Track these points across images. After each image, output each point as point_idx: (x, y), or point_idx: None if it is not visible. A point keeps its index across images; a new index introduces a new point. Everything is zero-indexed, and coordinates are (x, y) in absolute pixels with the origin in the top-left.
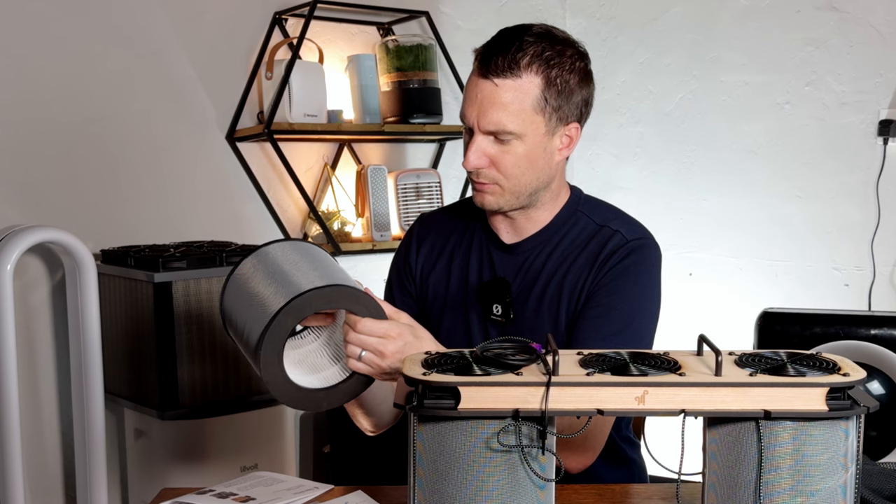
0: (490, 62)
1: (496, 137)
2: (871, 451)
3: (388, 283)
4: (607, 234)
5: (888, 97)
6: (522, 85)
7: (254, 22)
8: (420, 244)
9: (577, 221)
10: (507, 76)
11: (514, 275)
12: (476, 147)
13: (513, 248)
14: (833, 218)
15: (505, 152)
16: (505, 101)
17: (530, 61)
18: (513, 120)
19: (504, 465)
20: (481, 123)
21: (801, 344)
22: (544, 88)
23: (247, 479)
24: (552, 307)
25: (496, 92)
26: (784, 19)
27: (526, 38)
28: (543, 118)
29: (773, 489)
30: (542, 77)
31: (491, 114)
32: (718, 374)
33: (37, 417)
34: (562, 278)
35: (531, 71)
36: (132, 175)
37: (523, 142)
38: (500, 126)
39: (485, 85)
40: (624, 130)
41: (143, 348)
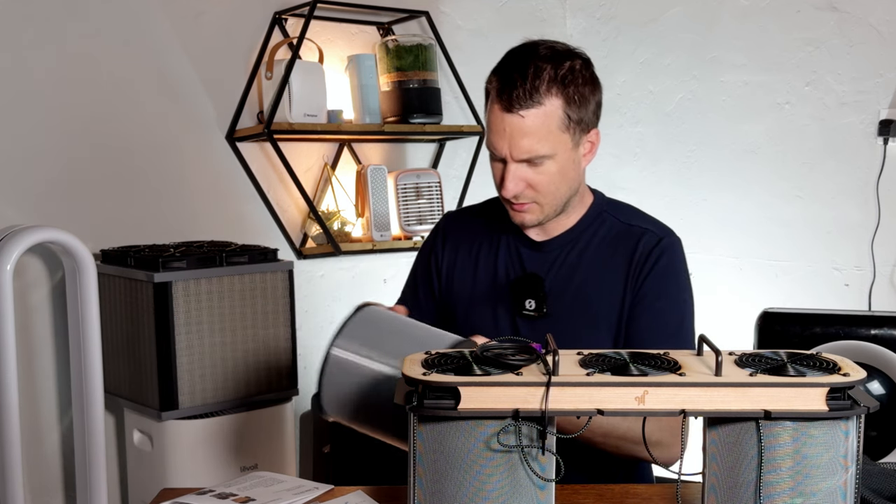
0: (511, 96)
1: (529, 163)
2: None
3: (413, 276)
4: (637, 233)
5: (888, 97)
6: (546, 111)
7: (254, 22)
8: (446, 239)
9: (604, 221)
10: (530, 106)
11: (546, 271)
12: (512, 175)
13: (542, 246)
14: (833, 218)
15: (539, 174)
16: (533, 130)
17: (548, 86)
18: (543, 145)
19: (504, 465)
20: (514, 154)
21: (801, 344)
22: (565, 107)
23: (247, 479)
24: (588, 302)
25: (523, 123)
26: (784, 19)
27: (537, 63)
28: (569, 134)
29: (773, 489)
30: (562, 97)
31: (522, 144)
32: (718, 374)
33: (37, 417)
34: (599, 277)
35: (551, 94)
36: (132, 175)
37: (555, 160)
38: (532, 153)
39: (511, 119)
40: (624, 130)
41: (143, 348)
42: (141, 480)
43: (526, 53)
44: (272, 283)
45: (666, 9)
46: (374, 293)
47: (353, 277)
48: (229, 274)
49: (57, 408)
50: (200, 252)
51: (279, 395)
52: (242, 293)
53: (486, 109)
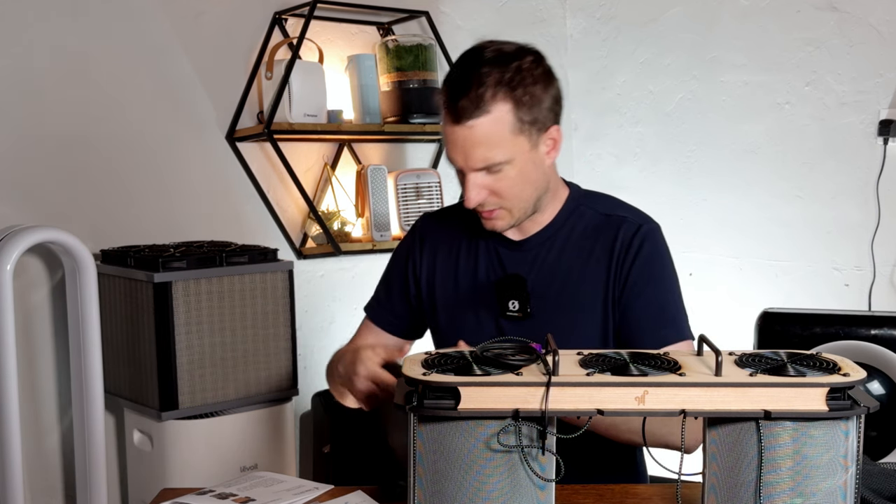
0: (458, 107)
1: (488, 170)
2: (871, 451)
3: (386, 278)
4: (616, 222)
5: (888, 97)
6: (495, 117)
7: (254, 22)
8: (424, 242)
9: (581, 214)
10: (478, 116)
11: (528, 270)
12: (472, 185)
13: (521, 245)
14: (833, 218)
15: (500, 180)
16: (484, 138)
17: (494, 92)
18: (498, 152)
19: (504, 465)
20: (470, 164)
21: (801, 344)
22: (515, 111)
23: (247, 479)
24: (572, 300)
25: (473, 133)
26: (784, 19)
27: (481, 69)
28: (524, 137)
29: (773, 490)
30: (510, 101)
31: (476, 153)
32: (718, 374)
33: (37, 417)
34: (581, 271)
35: (498, 100)
36: (132, 175)
37: (513, 165)
38: (488, 161)
39: (461, 130)
40: (624, 130)
41: (142, 348)
42: (141, 480)
43: (471, 60)
44: (272, 283)
45: (666, 9)
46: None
47: (353, 277)
48: (229, 274)
49: (57, 408)
50: (200, 252)
51: (279, 395)
52: (242, 293)
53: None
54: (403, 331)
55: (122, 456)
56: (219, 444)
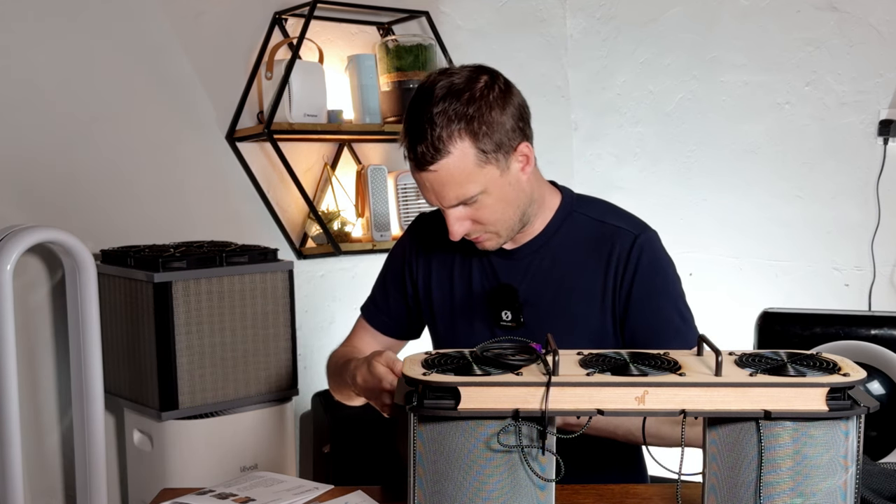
0: (418, 154)
1: (464, 204)
2: (871, 451)
3: (382, 278)
4: (610, 232)
5: (888, 97)
6: (456, 156)
7: (254, 22)
8: (419, 248)
9: (574, 221)
10: (439, 159)
11: (520, 279)
12: (453, 220)
13: (514, 254)
14: (833, 218)
15: (478, 209)
16: (451, 178)
17: (449, 132)
18: (468, 187)
19: (504, 465)
20: (443, 202)
21: (801, 344)
22: (476, 143)
23: (247, 479)
24: (565, 310)
25: (439, 176)
26: (784, 19)
27: (433, 110)
28: (491, 165)
29: (773, 490)
30: (468, 136)
31: (446, 192)
32: (718, 374)
33: (37, 417)
34: (574, 281)
35: (455, 139)
36: (132, 175)
37: (488, 193)
38: (460, 197)
39: (427, 175)
40: (624, 130)
41: (143, 348)
42: (141, 480)
43: (422, 101)
44: (272, 283)
45: (666, 9)
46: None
47: (353, 277)
48: (229, 274)
49: (57, 408)
50: (200, 252)
51: (279, 395)
52: (242, 293)
53: None
54: (399, 332)
55: (122, 456)
56: (219, 444)
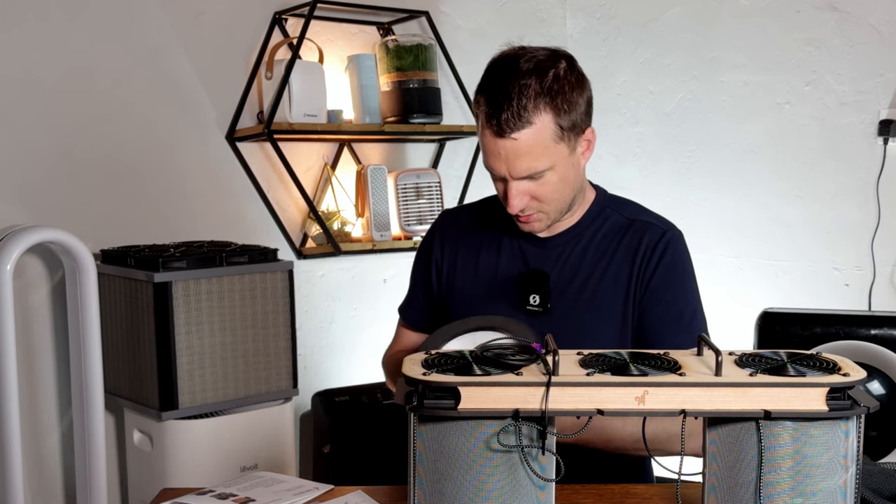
0: (501, 121)
1: (530, 178)
2: (871, 451)
3: (413, 281)
4: (640, 227)
5: (888, 97)
6: (537, 128)
7: (254, 22)
8: (444, 241)
9: (607, 217)
10: (521, 128)
11: (551, 267)
12: (515, 192)
13: (546, 242)
14: (833, 218)
15: (542, 185)
16: (528, 149)
17: (535, 104)
18: (541, 161)
19: (504, 465)
20: (513, 173)
21: (801, 344)
22: (556, 119)
23: (247, 479)
24: (592, 298)
25: (518, 145)
26: (784, 19)
27: (521, 81)
28: (564, 143)
29: (773, 490)
30: (551, 110)
31: (520, 163)
32: (718, 374)
33: (37, 417)
34: (603, 270)
35: (539, 111)
36: (132, 175)
37: (555, 171)
38: (531, 170)
39: (504, 143)
40: (624, 130)
41: (143, 348)
42: (141, 480)
43: (507, 70)
44: (272, 283)
45: (666, 9)
46: (374, 293)
47: (353, 277)
48: (229, 274)
49: (57, 408)
50: (200, 252)
51: (279, 395)
52: (242, 293)
53: (477, 129)
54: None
55: (122, 456)
56: (219, 444)
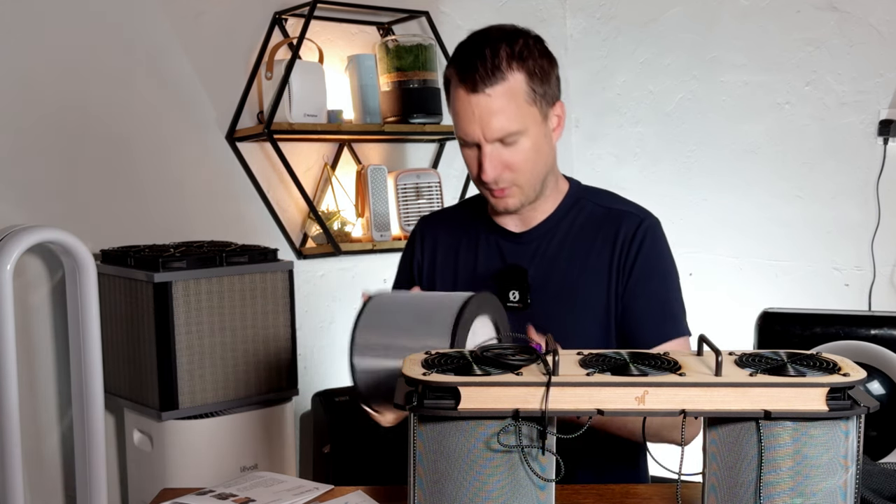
0: (475, 77)
1: (503, 143)
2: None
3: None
4: (617, 217)
5: (888, 97)
6: (511, 86)
7: (254, 22)
8: (424, 241)
9: (582, 207)
10: (495, 83)
11: (528, 262)
12: (489, 158)
13: (522, 237)
14: (833, 218)
15: (515, 153)
16: (502, 107)
17: (508, 63)
18: (514, 120)
19: (504, 465)
20: (487, 135)
21: (801, 344)
22: (528, 81)
23: (247, 479)
24: (572, 291)
25: (491, 101)
26: (784, 19)
27: (493, 45)
28: (536, 107)
29: (773, 490)
30: (523, 71)
31: (493, 123)
32: (718, 374)
33: (37, 417)
34: (582, 262)
35: (512, 70)
36: (132, 175)
37: (528, 136)
38: (504, 130)
39: (478, 99)
40: (624, 130)
41: (143, 348)
42: (141, 480)
43: (479, 39)
44: (272, 283)
45: (666, 9)
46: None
47: (353, 277)
48: (229, 274)
49: (57, 408)
50: (200, 252)
51: (279, 395)
52: (242, 293)
53: (448, 102)
54: None
55: (122, 456)
56: (219, 444)
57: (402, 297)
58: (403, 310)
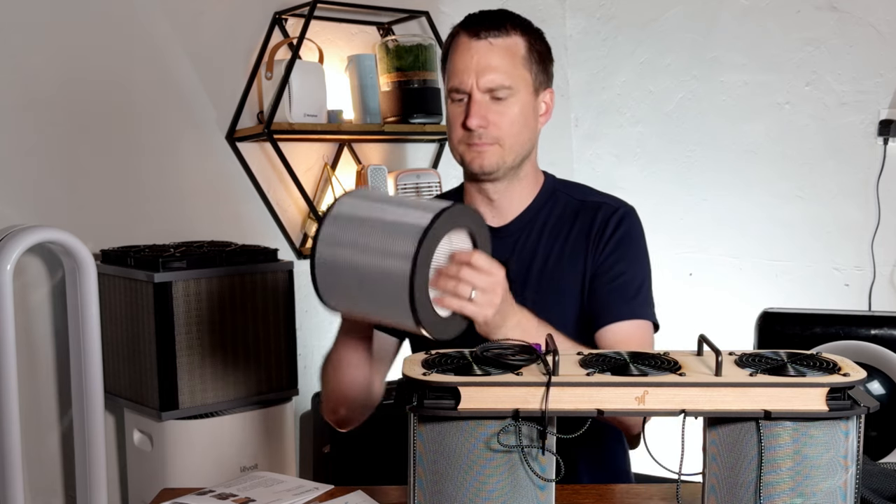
0: (480, 25)
1: (493, 96)
2: (871, 451)
3: None
4: (592, 207)
5: (888, 97)
6: (511, 43)
7: (254, 22)
8: None
9: (557, 200)
10: (498, 35)
11: (509, 255)
12: (478, 106)
13: (500, 232)
14: (833, 218)
15: (502, 112)
16: (500, 58)
17: (513, 24)
18: (508, 75)
19: (504, 465)
20: (480, 82)
21: (801, 344)
22: (528, 48)
23: (247, 479)
24: (551, 282)
25: (491, 50)
26: (784, 19)
27: (501, 11)
28: (530, 75)
29: (773, 490)
30: (525, 38)
31: (488, 71)
32: (718, 374)
33: (37, 417)
34: (559, 254)
35: (516, 32)
36: (132, 175)
37: (517, 99)
38: (498, 81)
39: (479, 45)
40: (624, 130)
41: (143, 348)
42: (141, 480)
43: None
44: (272, 283)
45: (666, 9)
46: None
47: None
48: (229, 274)
49: (57, 408)
50: (200, 252)
51: (279, 395)
52: (242, 293)
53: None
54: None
55: (122, 456)
56: (219, 444)
57: (377, 196)
58: (376, 211)
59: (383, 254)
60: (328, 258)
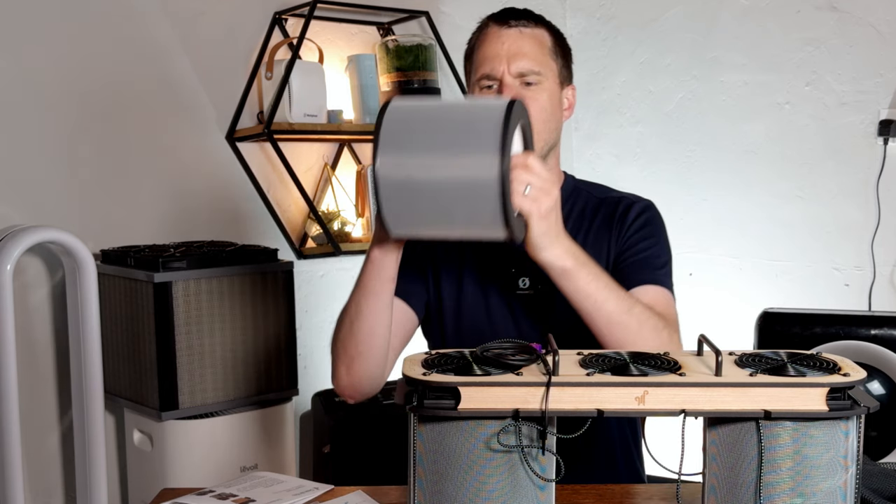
0: (510, 16)
1: (523, 81)
2: (871, 451)
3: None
4: (613, 201)
5: (888, 97)
6: (539, 33)
7: (254, 22)
8: None
9: (579, 196)
10: (527, 25)
11: None
12: (508, 90)
13: None
14: (833, 218)
15: (533, 97)
16: (530, 45)
17: (538, 19)
18: (538, 61)
19: (504, 465)
20: (512, 67)
21: (801, 344)
22: (554, 42)
23: (247, 479)
24: None
25: (521, 37)
26: (784, 19)
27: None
28: (556, 65)
29: (773, 490)
30: (550, 33)
31: (520, 56)
32: (718, 374)
33: (37, 417)
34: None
35: (542, 26)
36: (132, 175)
37: (546, 87)
38: (528, 67)
39: (510, 33)
40: (624, 130)
41: (143, 348)
42: (141, 480)
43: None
44: (272, 283)
45: (666, 9)
46: None
47: (353, 277)
48: (229, 274)
49: (57, 408)
50: (200, 252)
51: (279, 395)
52: (242, 293)
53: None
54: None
55: (122, 456)
56: (219, 444)
57: (427, 105)
58: (434, 119)
59: (463, 149)
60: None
